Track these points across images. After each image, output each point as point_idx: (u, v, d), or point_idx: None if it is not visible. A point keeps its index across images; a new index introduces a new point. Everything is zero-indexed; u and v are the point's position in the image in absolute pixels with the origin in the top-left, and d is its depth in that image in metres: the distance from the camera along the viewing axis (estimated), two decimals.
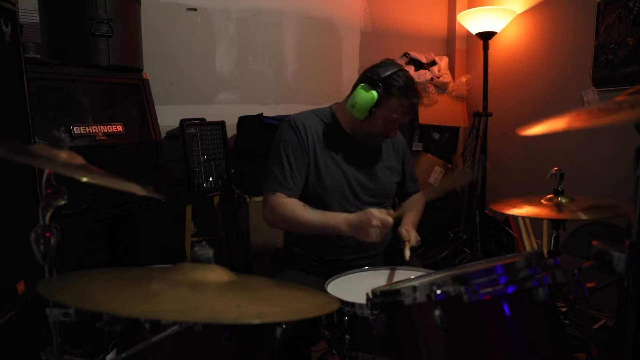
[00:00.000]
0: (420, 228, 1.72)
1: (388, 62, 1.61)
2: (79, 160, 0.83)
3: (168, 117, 2.70)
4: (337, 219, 1.53)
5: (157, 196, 0.93)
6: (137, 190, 0.87)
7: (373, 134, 1.65)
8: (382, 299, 0.97)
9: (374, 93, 1.55)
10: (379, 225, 1.42)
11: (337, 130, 1.70)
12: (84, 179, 0.76)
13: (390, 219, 1.43)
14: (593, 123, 0.81)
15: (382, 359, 1.15)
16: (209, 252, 0.83)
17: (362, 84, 1.58)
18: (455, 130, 3.47)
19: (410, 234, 1.61)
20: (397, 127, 1.65)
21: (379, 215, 1.42)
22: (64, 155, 0.80)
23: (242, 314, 0.70)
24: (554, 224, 1.47)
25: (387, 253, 1.73)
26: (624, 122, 0.74)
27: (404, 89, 1.55)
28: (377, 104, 1.55)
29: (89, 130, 2.00)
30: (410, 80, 1.58)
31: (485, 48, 2.96)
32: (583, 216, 1.34)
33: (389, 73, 1.56)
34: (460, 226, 2.96)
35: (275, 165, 1.62)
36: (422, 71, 3.26)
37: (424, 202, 1.89)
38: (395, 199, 1.88)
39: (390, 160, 1.76)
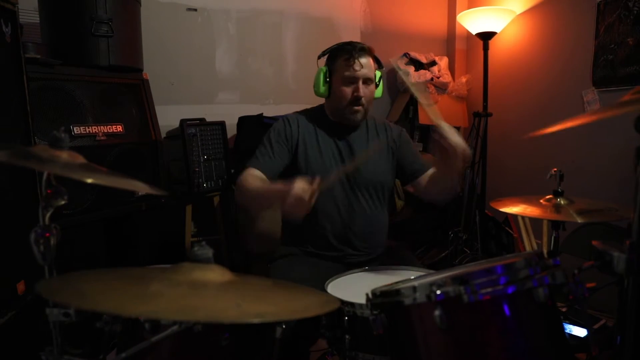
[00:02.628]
0: (420, 228, 1.72)
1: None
2: (81, 159, 0.83)
3: (168, 117, 2.70)
4: (274, 185, 1.50)
5: (161, 192, 0.93)
6: (141, 188, 0.87)
7: (343, 104, 1.70)
8: (382, 299, 0.97)
9: (323, 68, 1.72)
10: (297, 197, 1.32)
11: (326, 123, 1.77)
12: (89, 180, 0.76)
13: (307, 196, 1.32)
14: (604, 116, 0.81)
15: (382, 359, 1.15)
16: (208, 252, 0.83)
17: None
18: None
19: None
20: (359, 87, 1.66)
21: (297, 190, 1.32)
22: (64, 155, 0.80)
23: (242, 314, 0.70)
24: (554, 224, 1.47)
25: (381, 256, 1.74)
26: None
27: (341, 48, 1.69)
28: (329, 74, 1.71)
29: (89, 130, 2.00)
30: (348, 41, 1.71)
31: (485, 48, 2.96)
32: (579, 219, 1.34)
33: (332, 47, 1.73)
34: (460, 226, 2.96)
35: (258, 150, 1.72)
36: (422, 71, 3.26)
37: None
38: (397, 192, 1.88)
39: (383, 151, 1.78)
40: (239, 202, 1.77)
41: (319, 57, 1.76)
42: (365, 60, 1.66)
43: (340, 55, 1.67)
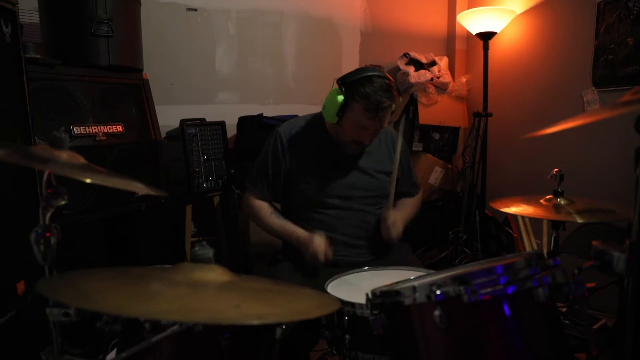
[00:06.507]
0: (420, 228, 1.73)
1: (366, 67, 1.57)
2: (81, 160, 0.83)
3: (168, 117, 2.70)
4: (293, 231, 1.65)
5: (160, 193, 0.93)
6: (139, 189, 0.87)
7: (346, 139, 1.65)
8: (382, 299, 0.97)
9: (340, 97, 1.54)
10: (313, 255, 1.53)
11: (328, 137, 1.72)
12: (87, 180, 0.76)
13: (322, 257, 1.53)
14: (604, 116, 0.81)
15: (382, 359, 1.15)
16: (209, 252, 0.83)
17: (336, 88, 1.58)
18: (455, 131, 3.47)
19: (394, 222, 1.64)
20: (368, 135, 1.61)
21: (316, 249, 1.53)
22: (64, 155, 0.80)
23: (242, 314, 0.70)
24: (554, 224, 1.47)
25: (381, 255, 1.73)
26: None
27: (369, 95, 1.50)
28: (343, 108, 1.55)
29: (89, 130, 2.00)
30: (379, 86, 1.50)
31: (485, 48, 2.96)
32: (579, 219, 1.34)
33: (357, 77, 1.52)
34: (460, 226, 2.95)
35: (257, 167, 1.76)
36: (422, 71, 3.25)
37: (419, 204, 1.90)
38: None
39: (383, 161, 1.76)
40: (246, 215, 1.88)
41: (338, 81, 1.57)
42: (386, 115, 1.56)
43: (363, 101, 1.51)
